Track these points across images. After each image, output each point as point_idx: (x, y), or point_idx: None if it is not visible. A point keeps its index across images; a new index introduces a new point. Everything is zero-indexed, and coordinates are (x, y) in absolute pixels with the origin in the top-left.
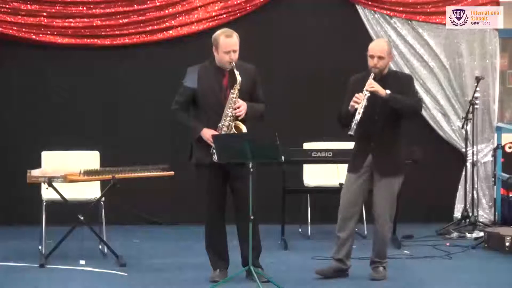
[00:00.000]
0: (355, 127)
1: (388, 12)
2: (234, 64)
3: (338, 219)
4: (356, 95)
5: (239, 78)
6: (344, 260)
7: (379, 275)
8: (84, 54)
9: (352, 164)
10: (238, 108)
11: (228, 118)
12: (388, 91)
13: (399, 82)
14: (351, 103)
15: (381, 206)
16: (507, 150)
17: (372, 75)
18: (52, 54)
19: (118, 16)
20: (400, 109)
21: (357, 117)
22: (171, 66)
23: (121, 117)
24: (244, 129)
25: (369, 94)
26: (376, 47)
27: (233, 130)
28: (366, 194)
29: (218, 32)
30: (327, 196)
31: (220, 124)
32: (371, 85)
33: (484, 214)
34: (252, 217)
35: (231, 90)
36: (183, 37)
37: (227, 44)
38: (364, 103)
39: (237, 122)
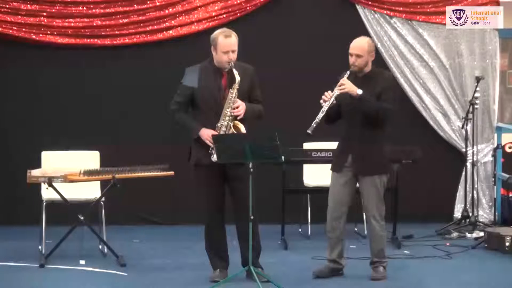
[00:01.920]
0: (315, 125)
1: (388, 12)
2: (232, 64)
3: (327, 219)
4: (326, 93)
5: (237, 78)
6: (337, 261)
7: (379, 275)
8: (84, 54)
9: (335, 163)
10: (237, 107)
11: (227, 118)
12: (360, 91)
13: (380, 84)
14: (321, 100)
15: (368, 205)
16: (507, 150)
17: (347, 73)
18: (52, 54)
19: (118, 16)
20: (367, 112)
21: (320, 115)
22: (171, 66)
23: (121, 117)
24: (242, 128)
25: (338, 93)
26: (355, 45)
27: (232, 130)
28: (353, 193)
29: (217, 32)
30: (327, 196)
31: (218, 124)
32: (342, 85)
33: (484, 214)
34: (252, 217)
35: (230, 90)
36: (183, 37)
37: (226, 44)
38: (332, 100)
39: (236, 121)
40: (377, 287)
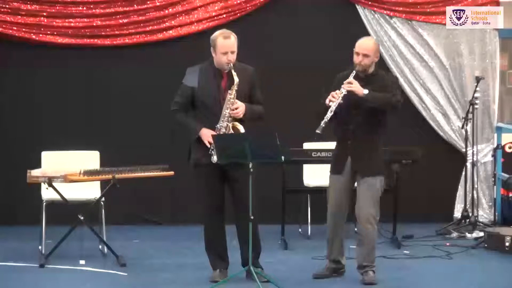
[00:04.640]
0: (324, 125)
1: (388, 12)
2: (231, 65)
3: (329, 222)
4: (333, 92)
5: (236, 79)
6: (339, 260)
7: (371, 279)
8: (84, 54)
9: (334, 166)
10: (236, 109)
11: (226, 119)
12: (366, 91)
13: (383, 83)
14: (327, 100)
15: (364, 206)
16: (507, 150)
17: (354, 72)
18: (52, 54)
19: (118, 16)
20: (376, 106)
21: (328, 115)
22: (171, 66)
23: (121, 117)
24: (241, 129)
25: (345, 93)
26: (362, 45)
27: (231, 131)
28: (351, 194)
29: (216, 33)
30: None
31: (218, 125)
32: (350, 84)
33: (484, 214)
34: (252, 217)
35: (229, 91)
36: (183, 37)
37: (225, 45)
38: (339, 101)
39: (235, 122)
40: (377, 287)
